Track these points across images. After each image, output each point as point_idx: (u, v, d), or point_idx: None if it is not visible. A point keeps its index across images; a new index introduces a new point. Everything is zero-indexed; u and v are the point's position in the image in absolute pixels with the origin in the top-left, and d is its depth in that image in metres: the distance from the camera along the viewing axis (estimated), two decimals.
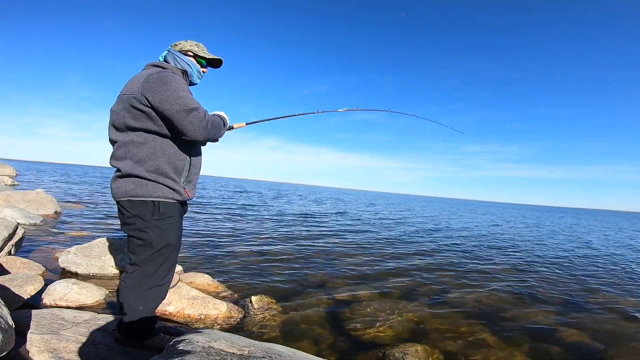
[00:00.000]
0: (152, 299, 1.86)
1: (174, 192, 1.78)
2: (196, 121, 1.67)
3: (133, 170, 1.71)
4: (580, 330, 3.19)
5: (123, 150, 1.72)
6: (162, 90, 1.65)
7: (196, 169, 1.93)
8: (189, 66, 1.93)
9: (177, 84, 1.70)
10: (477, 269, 5.48)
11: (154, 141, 1.72)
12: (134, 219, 1.74)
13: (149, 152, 1.71)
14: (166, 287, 1.93)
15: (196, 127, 1.67)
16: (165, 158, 1.74)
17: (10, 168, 19.05)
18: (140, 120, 1.69)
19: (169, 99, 1.64)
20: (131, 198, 1.72)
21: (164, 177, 1.74)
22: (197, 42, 1.98)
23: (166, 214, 1.77)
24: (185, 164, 1.82)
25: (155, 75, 1.70)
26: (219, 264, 4.37)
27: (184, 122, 1.65)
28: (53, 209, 6.88)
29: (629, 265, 7.03)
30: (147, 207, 1.73)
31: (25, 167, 36.54)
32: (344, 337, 2.65)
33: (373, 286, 4.04)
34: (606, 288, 4.87)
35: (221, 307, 2.78)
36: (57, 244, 4.43)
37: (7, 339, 1.41)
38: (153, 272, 1.81)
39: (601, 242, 11.17)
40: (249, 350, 1.44)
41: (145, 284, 1.81)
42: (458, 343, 2.71)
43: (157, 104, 1.65)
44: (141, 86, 1.67)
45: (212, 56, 2.01)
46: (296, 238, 6.96)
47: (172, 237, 1.81)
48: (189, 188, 1.88)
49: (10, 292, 2.39)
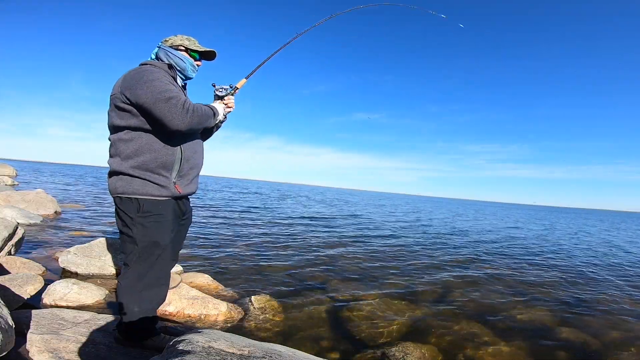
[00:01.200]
0: (147, 300, 1.83)
1: (161, 188, 1.75)
2: (175, 109, 1.63)
3: (119, 168, 1.73)
4: (581, 330, 3.19)
5: (113, 149, 1.77)
6: (138, 85, 1.66)
7: (191, 163, 1.88)
8: (181, 61, 1.91)
9: (153, 76, 1.69)
10: (477, 270, 5.48)
11: (139, 138, 1.72)
12: (123, 215, 1.77)
13: (135, 149, 1.72)
14: (163, 288, 1.90)
15: (175, 115, 1.63)
16: (151, 154, 1.73)
17: (10, 168, 19.06)
18: (125, 119, 1.71)
19: (145, 91, 1.64)
20: (120, 195, 1.75)
21: (150, 173, 1.73)
22: (187, 36, 1.97)
23: (152, 211, 1.74)
24: (175, 158, 1.79)
25: (133, 72, 1.73)
26: (219, 264, 4.37)
27: (162, 111, 1.62)
28: (53, 209, 6.88)
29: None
30: (132, 205, 1.73)
31: (25, 167, 36.55)
32: (344, 337, 2.66)
33: (373, 286, 4.04)
34: (608, 288, 4.87)
35: (221, 307, 2.78)
36: (57, 244, 4.43)
37: (7, 339, 1.41)
38: (145, 272, 1.79)
39: (624, 244, 11.17)
40: (249, 350, 1.44)
41: (138, 285, 1.79)
42: (458, 343, 2.71)
43: (134, 99, 1.66)
44: (120, 85, 1.71)
45: (204, 49, 1.99)
46: (296, 238, 6.96)
47: (159, 235, 1.77)
48: (182, 183, 1.84)
49: (10, 292, 2.39)
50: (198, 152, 1.96)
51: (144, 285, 1.80)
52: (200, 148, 2.00)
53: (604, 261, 7.26)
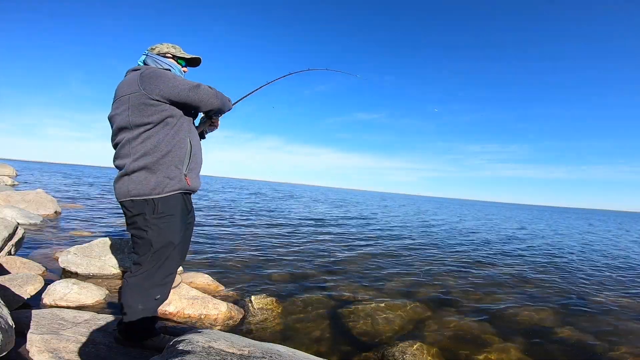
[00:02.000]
0: (153, 299, 1.86)
1: (175, 181, 1.80)
2: (208, 92, 1.83)
3: (137, 165, 1.74)
4: (581, 330, 3.19)
5: (127, 148, 1.76)
6: (162, 81, 1.74)
7: (196, 159, 1.95)
8: (171, 67, 1.98)
9: (170, 73, 1.82)
10: (477, 270, 5.48)
11: (157, 134, 1.77)
12: (136, 217, 1.78)
13: (153, 145, 1.75)
14: (168, 287, 1.93)
15: (211, 97, 1.85)
16: (168, 147, 1.78)
17: (10, 168, 19.06)
18: (147, 115, 1.74)
19: (174, 85, 1.75)
20: (133, 198, 1.74)
21: (166, 167, 1.77)
22: (172, 44, 2.04)
23: (166, 212, 1.78)
24: (186, 152, 1.86)
25: (147, 72, 1.78)
26: (219, 264, 4.37)
27: (199, 96, 1.80)
28: (53, 209, 6.88)
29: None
30: (147, 206, 1.75)
31: (25, 167, 36.54)
32: (343, 337, 2.66)
33: (373, 286, 4.04)
34: (609, 288, 4.87)
35: (221, 307, 2.78)
36: (57, 244, 4.43)
37: (7, 339, 1.41)
38: (155, 272, 1.82)
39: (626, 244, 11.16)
40: (249, 350, 1.44)
41: (146, 283, 1.81)
42: (458, 342, 2.71)
43: (166, 93, 1.73)
44: (140, 84, 1.73)
45: (190, 56, 2.08)
46: (296, 238, 6.96)
47: (172, 235, 1.82)
48: (191, 177, 1.90)
49: (10, 292, 2.39)
50: (201, 150, 2.02)
51: (151, 284, 1.82)
52: (201, 146, 2.05)
53: (605, 261, 7.26)
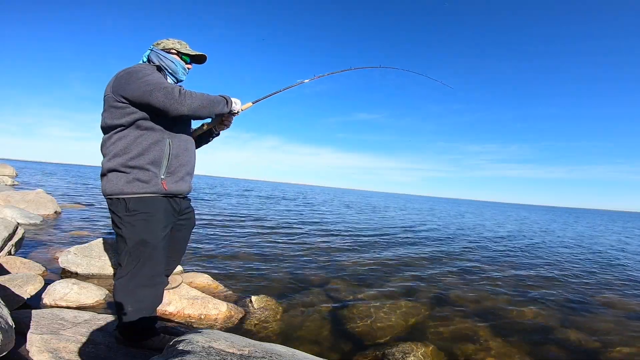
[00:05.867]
0: (141, 300, 1.81)
1: (147, 184, 1.75)
2: (172, 95, 1.66)
3: (108, 167, 1.76)
4: (581, 330, 3.18)
5: (103, 149, 1.79)
6: (130, 81, 1.70)
7: (181, 160, 1.88)
8: (173, 63, 1.95)
9: (145, 72, 1.74)
10: (477, 270, 5.48)
11: (128, 135, 1.75)
12: (113, 215, 1.80)
13: (124, 147, 1.74)
14: (158, 288, 1.89)
15: (174, 100, 1.66)
16: (139, 150, 1.75)
17: (10, 168, 19.08)
18: (117, 117, 1.73)
19: (139, 85, 1.68)
20: (109, 196, 1.77)
21: (137, 170, 1.74)
22: (179, 40, 2.00)
23: (139, 209, 1.74)
24: (163, 154, 1.79)
25: (122, 73, 1.76)
26: (219, 264, 4.37)
27: (160, 99, 1.65)
28: (53, 209, 6.88)
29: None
30: (120, 204, 1.75)
31: (25, 167, 36.54)
32: (344, 337, 2.65)
33: (374, 286, 4.04)
34: (609, 288, 4.87)
35: (221, 307, 2.77)
36: (57, 244, 4.42)
37: (7, 339, 1.41)
38: (137, 272, 1.78)
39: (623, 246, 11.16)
40: (249, 350, 1.44)
41: (131, 284, 1.78)
42: (458, 342, 2.71)
43: (129, 94, 1.69)
44: (112, 86, 1.74)
45: (195, 52, 2.03)
46: (296, 239, 6.96)
47: (147, 233, 1.77)
48: (170, 180, 1.83)
49: (10, 292, 2.39)
50: (189, 150, 1.95)
51: (135, 284, 1.79)
52: (192, 147, 2.00)
53: (605, 261, 7.26)
